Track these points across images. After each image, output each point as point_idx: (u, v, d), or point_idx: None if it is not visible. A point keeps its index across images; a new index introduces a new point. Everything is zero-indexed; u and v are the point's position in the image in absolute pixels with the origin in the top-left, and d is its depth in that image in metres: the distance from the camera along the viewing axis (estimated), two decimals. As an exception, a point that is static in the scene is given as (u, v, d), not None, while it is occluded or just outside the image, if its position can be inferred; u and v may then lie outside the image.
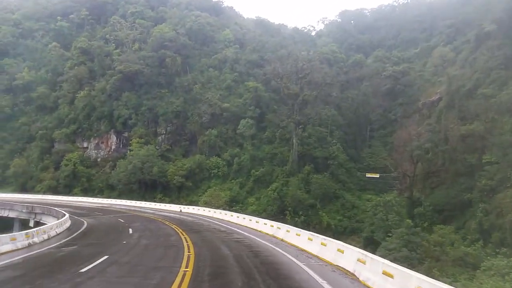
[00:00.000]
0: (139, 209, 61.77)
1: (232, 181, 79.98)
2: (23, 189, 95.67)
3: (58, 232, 30.48)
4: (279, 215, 72.17)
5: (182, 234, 27.74)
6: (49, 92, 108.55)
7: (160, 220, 42.00)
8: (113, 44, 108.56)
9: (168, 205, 63.62)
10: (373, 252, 51.03)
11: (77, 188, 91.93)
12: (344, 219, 71.24)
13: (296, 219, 69.87)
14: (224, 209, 68.31)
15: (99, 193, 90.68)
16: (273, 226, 27.60)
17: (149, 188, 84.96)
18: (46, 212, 51.38)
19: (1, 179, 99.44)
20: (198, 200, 75.33)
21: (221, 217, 43.47)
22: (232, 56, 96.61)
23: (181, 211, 56.22)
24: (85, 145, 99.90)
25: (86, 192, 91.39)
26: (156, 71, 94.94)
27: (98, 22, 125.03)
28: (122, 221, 41.40)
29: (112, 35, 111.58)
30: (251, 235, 27.24)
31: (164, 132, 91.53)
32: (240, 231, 30.43)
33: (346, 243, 56.97)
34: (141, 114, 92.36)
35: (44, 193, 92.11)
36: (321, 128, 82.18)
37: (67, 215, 37.93)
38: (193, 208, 55.62)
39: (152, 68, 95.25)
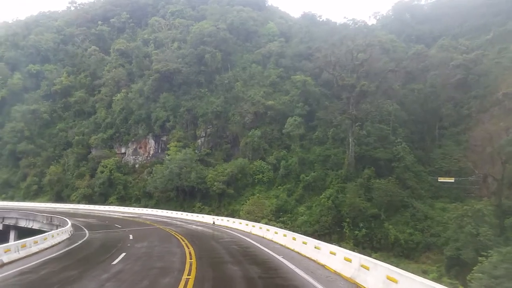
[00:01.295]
0: (168, 220, 50.29)
1: (279, 187, 67.20)
2: (59, 198, 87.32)
3: (7, 261, 18.94)
4: (335, 227, 59.06)
5: (189, 272, 15.25)
6: (87, 96, 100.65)
7: (179, 237, 29.91)
8: (152, 45, 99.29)
9: (201, 215, 51.06)
10: (465, 278, 36.73)
11: (113, 197, 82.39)
12: (415, 233, 56.27)
13: (356, 232, 56.36)
14: (269, 219, 55.77)
15: (136, 201, 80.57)
16: (350, 261, 14.01)
17: (188, 196, 73.72)
18: (61, 224, 44.72)
19: (38, 188, 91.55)
20: (240, 210, 63.13)
21: (262, 234, 30.48)
22: (277, 50, 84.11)
23: (214, 223, 43.96)
24: (122, 150, 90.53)
25: (122, 201, 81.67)
26: (195, 69, 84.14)
27: (139, 25, 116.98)
28: (131, 237, 29.93)
29: (152, 36, 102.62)
30: (308, 278, 14.23)
31: (204, 135, 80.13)
32: (290, 264, 17.42)
33: (420, 261, 41.51)
34: (180, 116, 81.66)
35: (79, 202, 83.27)
36: (382, 125, 67.89)
37: (45, 234, 27.02)
38: (228, 220, 42.76)
39: (190, 66, 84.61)
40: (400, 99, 72.42)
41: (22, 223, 58.77)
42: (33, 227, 55.51)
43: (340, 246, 54.46)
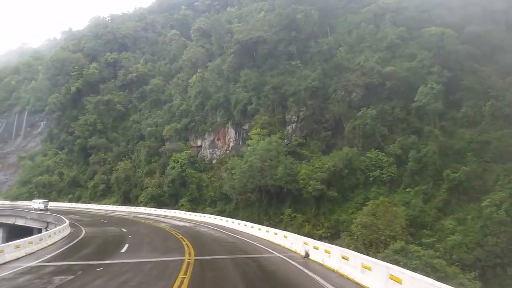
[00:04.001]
0: (229, 237, 29.03)
1: (408, 189, 43.15)
2: (126, 199, 71.45)
3: None
4: (510, 255, 33.87)
5: None
6: (164, 84, 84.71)
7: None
8: (235, 20, 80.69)
9: (282, 233, 24.28)
10: None
11: (184, 198, 64.07)
12: None
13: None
14: (405, 241, 31.98)
15: (211, 205, 61.17)
16: None
17: (274, 199, 52.32)
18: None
19: (106, 188, 76.72)
20: (349, 220, 40.32)
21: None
22: (394, 6, 59.92)
23: (307, 257, 18.76)
24: (198, 143, 72.32)
25: (196, 204, 63.30)
26: (283, 35, 63.29)
27: (224, 7, 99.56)
28: None
29: (235, 11, 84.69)
30: None
31: (295, 119, 58.28)
32: None
33: None
34: (264, 96, 61.23)
35: (146, 204, 66.16)
36: None
37: None
38: (343, 253, 14.70)
39: (278, 33, 63.82)
40: None
41: (59, 229, 45.21)
42: (66, 234, 41.04)
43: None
